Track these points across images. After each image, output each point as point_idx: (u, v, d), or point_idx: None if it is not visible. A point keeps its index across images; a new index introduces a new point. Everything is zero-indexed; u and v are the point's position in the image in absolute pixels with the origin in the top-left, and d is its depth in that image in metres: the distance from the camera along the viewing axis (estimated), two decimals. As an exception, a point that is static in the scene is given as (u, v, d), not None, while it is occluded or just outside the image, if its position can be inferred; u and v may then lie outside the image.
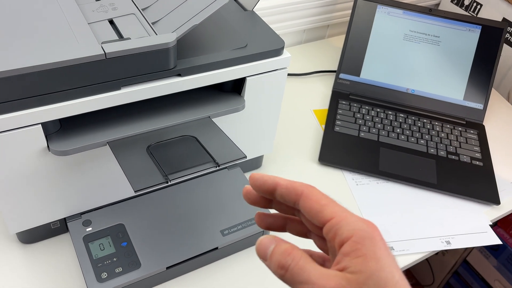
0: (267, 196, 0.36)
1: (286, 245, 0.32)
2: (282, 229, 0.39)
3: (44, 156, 0.54)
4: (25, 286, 0.60)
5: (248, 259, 0.67)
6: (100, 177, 0.61)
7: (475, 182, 0.84)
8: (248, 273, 0.65)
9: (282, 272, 0.31)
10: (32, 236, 0.64)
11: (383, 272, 0.28)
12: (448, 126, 0.95)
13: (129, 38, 0.54)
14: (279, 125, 0.89)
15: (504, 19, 1.09)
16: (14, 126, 0.50)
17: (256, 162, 0.80)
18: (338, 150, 0.86)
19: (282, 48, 0.63)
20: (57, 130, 0.55)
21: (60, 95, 0.50)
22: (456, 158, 0.88)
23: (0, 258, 0.62)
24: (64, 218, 0.63)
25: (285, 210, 0.37)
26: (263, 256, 0.33)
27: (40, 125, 0.51)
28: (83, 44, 0.51)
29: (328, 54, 1.14)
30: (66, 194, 0.60)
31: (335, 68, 1.05)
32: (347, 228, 0.30)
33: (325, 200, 0.33)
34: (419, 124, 0.94)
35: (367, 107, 0.96)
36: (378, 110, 0.96)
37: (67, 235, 0.65)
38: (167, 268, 0.60)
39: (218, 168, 0.54)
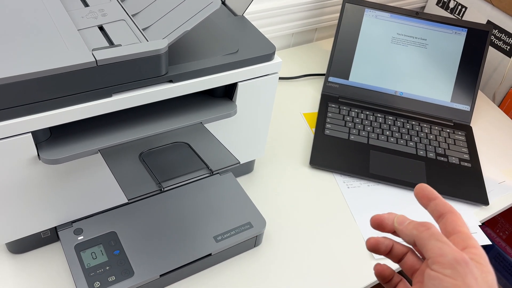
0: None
1: None
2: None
3: (34, 165, 0.54)
4: (15, 297, 0.59)
5: (242, 265, 0.67)
6: (91, 185, 0.60)
7: (464, 183, 0.85)
8: (242, 279, 0.65)
9: (423, 229, 0.37)
10: (22, 246, 0.63)
11: None
12: (436, 128, 0.96)
13: (120, 45, 0.53)
14: (270, 129, 0.89)
15: (488, 21, 1.11)
16: (4, 135, 0.49)
17: (248, 167, 0.80)
18: (328, 153, 0.86)
19: (273, 53, 0.63)
20: (47, 139, 0.54)
21: (50, 103, 0.49)
22: (445, 159, 0.89)
23: (-11, 269, 0.61)
24: (55, 227, 0.63)
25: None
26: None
27: (30, 134, 0.51)
28: (74, 51, 0.51)
29: (317, 57, 1.14)
30: (57, 203, 0.59)
31: (324, 71, 1.06)
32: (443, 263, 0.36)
33: (442, 239, 0.37)
34: (408, 126, 0.95)
35: (356, 110, 0.97)
36: (367, 112, 0.97)
37: (58, 244, 0.64)
38: (161, 275, 0.60)
39: (211, 174, 0.54)
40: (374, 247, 0.43)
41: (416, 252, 0.42)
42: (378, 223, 0.42)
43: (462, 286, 0.34)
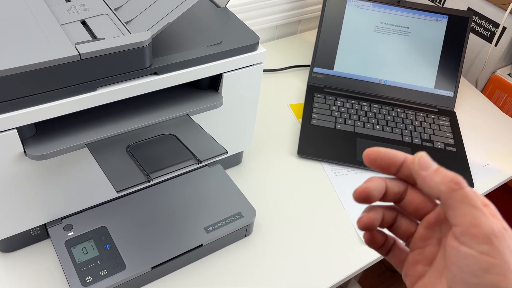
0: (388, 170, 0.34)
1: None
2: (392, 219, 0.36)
3: (21, 161, 0.53)
4: (7, 296, 0.59)
5: (233, 254, 0.67)
6: (80, 180, 0.60)
7: (450, 167, 0.84)
8: (234, 269, 0.66)
9: (455, 187, 0.30)
10: (11, 245, 0.63)
11: None
12: (421, 114, 0.97)
13: (103, 38, 0.53)
14: (257, 120, 0.89)
15: (469, 8, 1.13)
16: (-11, 132, 0.49)
17: (236, 158, 0.81)
18: (316, 142, 0.87)
19: (257, 43, 0.64)
20: (33, 135, 0.54)
21: (35, 98, 0.49)
22: (431, 145, 0.91)
23: (-21, 268, 0.61)
24: (45, 224, 0.62)
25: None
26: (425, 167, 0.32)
27: (15, 130, 0.50)
28: (57, 45, 0.51)
29: (301, 49, 1.15)
30: (46, 199, 0.59)
31: (309, 63, 1.06)
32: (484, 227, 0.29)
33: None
34: (393, 114, 0.96)
35: (342, 99, 0.98)
36: (353, 101, 0.97)
37: (49, 241, 0.64)
38: (153, 268, 0.60)
39: (199, 165, 0.54)
40: (368, 226, 0.35)
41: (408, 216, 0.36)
42: (365, 196, 0.34)
43: (503, 266, 0.27)
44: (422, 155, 0.33)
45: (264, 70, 1.06)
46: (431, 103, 1.00)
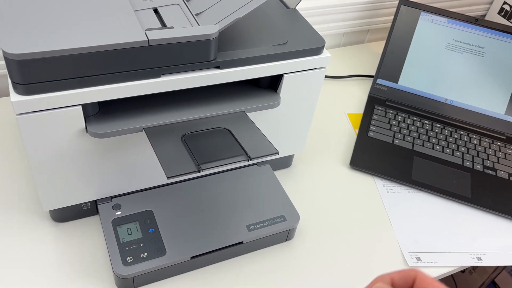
0: None
1: None
2: None
3: (81, 137, 0.56)
4: (52, 263, 0.61)
5: (273, 256, 0.67)
6: (133, 163, 0.62)
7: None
8: (272, 271, 0.65)
9: None
10: (63, 215, 0.66)
11: None
12: (486, 140, 0.92)
13: (172, 27, 0.54)
14: (312, 126, 0.88)
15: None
16: (56, 105, 0.51)
17: (286, 161, 0.80)
18: (370, 155, 0.85)
19: (323, 47, 0.63)
20: (95, 113, 0.56)
21: (101, 78, 0.51)
22: (493, 173, 0.85)
23: (32, 233, 0.64)
24: (95, 201, 0.65)
25: None
26: None
27: (80, 107, 0.53)
28: (128, 30, 0.52)
29: (367, 59, 1.12)
30: (99, 177, 0.61)
31: (373, 74, 1.04)
32: None
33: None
34: (455, 136, 0.91)
35: (403, 115, 0.94)
36: (414, 118, 0.94)
37: (97, 218, 0.66)
38: (192, 257, 0.61)
39: (249, 162, 0.54)
40: None
41: None
42: None
43: None
44: None
45: (326, 76, 1.04)
46: (499, 129, 0.95)
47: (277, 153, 0.55)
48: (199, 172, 0.51)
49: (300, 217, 0.67)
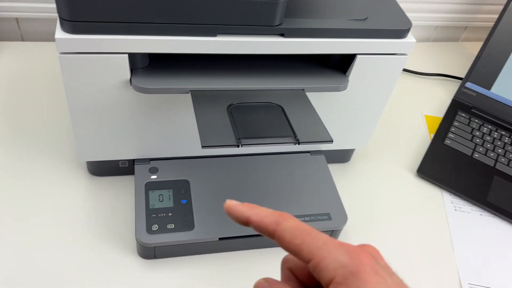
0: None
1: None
2: None
3: (125, 89, 0.52)
4: (81, 214, 0.59)
5: (308, 256, 0.60)
6: (175, 127, 0.58)
7: None
8: (304, 271, 0.58)
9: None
10: (100, 169, 0.63)
11: None
12: None
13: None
14: (381, 120, 0.79)
15: None
16: (101, 50, 0.47)
17: (345, 155, 0.72)
18: (442, 165, 0.74)
19: (408, 29, 0.54)
20: (144, 67, 0.52)
21: (152, 27, 0.47)
22: None
23: (67, 182, 0.63)
24: (133, 160, 0.61)
25: None
26: None
27: (126, 56, 0.48)
28: (188, -23, 0.47)
29: (457, 58, 1.00)
30: (139, 136, 0.58)
31: (462, 75, 0.92)
32: (327, 270, 0.26)
33: (300, 236, 0.28)
34: (550, 161, 0.78)
35: (490, 126, 0.82)
36: (503, 132, 0.81)
37: (131, 178, 0.63)
38: (220, 239, 0.56)
39: (297, 145, 0.47)
40: None
41: None
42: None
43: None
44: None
45: (407, 71, 0.94)
46: None
47: (331, 141, 0.48)
48: (238, 147, 0.45)
49: (348, 219, 0.60)
